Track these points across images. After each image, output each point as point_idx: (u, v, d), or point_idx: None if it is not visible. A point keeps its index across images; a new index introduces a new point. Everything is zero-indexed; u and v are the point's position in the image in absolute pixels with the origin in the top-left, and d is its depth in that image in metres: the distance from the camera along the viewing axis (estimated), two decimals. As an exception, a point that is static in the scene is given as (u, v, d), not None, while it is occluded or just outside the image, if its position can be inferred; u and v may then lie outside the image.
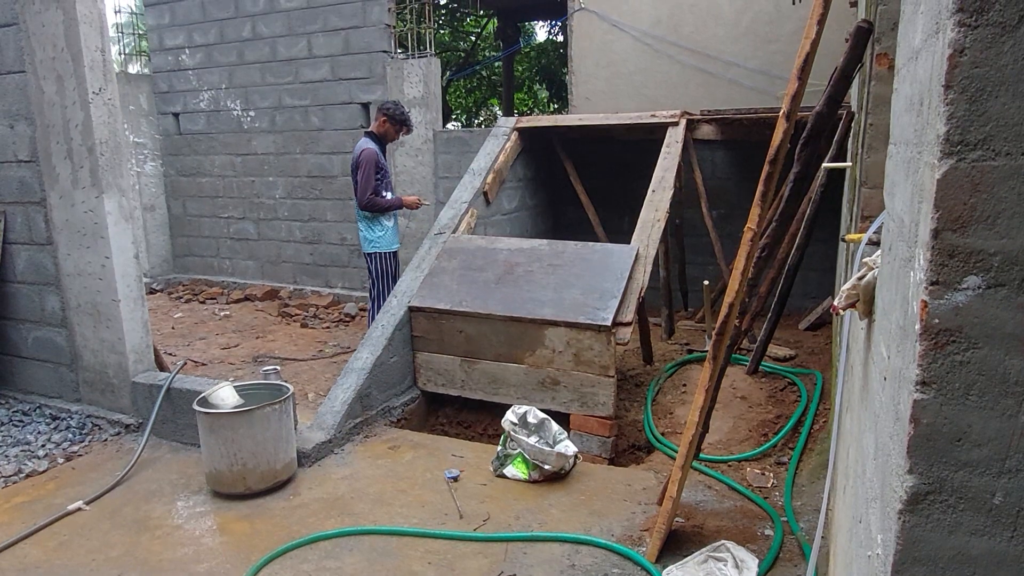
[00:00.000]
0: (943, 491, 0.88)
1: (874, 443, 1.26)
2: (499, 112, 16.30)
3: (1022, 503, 0.85)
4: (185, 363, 4.89)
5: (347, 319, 7.26)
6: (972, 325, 0.83)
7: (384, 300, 4.98)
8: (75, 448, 4.15)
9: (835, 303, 1.65)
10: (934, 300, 0.84)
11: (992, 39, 0.77)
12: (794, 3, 5.93)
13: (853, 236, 2.22)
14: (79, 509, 3.45)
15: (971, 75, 0.78)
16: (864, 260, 1.66)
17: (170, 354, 5.88)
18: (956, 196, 0.81)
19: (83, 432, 4.33)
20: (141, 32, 9.15)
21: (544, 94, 16.73)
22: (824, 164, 3.95)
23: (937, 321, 0.84)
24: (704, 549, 2.86)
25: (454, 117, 17.29)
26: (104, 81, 4.21)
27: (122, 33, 9.94)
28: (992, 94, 0.78)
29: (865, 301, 1.57)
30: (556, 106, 15.45)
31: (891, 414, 1.04)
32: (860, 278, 1.58)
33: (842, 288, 1.62)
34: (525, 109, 17.11)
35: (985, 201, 0.80)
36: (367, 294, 6.35)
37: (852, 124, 3.95)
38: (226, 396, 3.68)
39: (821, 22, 2.40)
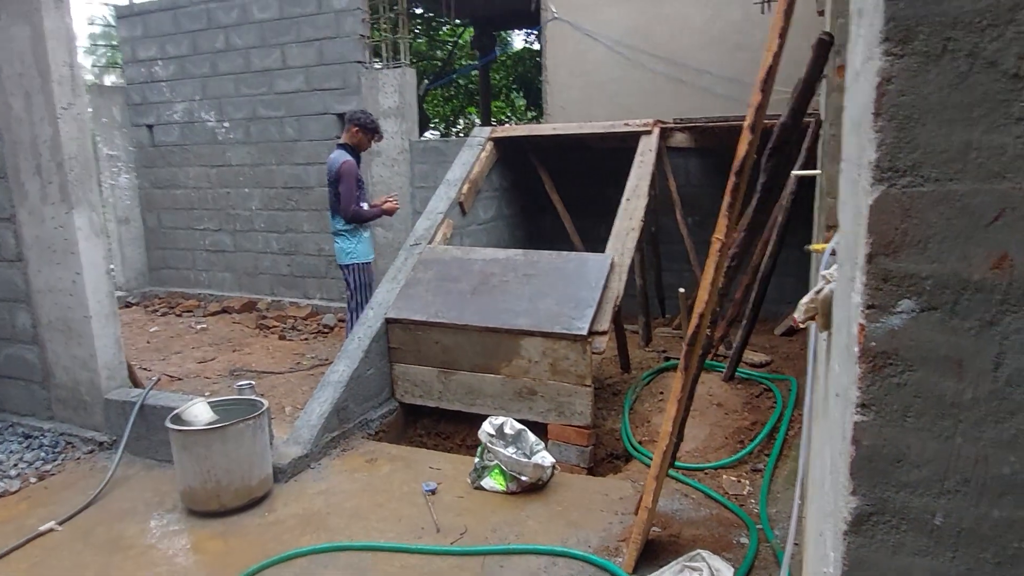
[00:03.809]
0: (886, 512, 0.89)
1: (831, 459, 1.27)
2: (477, 120, 16.33)
3: (962, 523, 0.87)
4: (159, 379, 4.83)
5: (326, 330, 7.22)
6: (908, 348, 0.84)
7: (362, 311, 4.97)
8: (48, 467, 4.08)
9: (795, 316, 1.66)
10: (871, 323, 0.85)
11: (918, 68, 0.79)
12: (763, 12, 6.01)
13: (816, 247, 2.25)
14: (51, 530, 3.40)
15: (899, 103, 0.80)
16: (823, 273, 1.68)
17: (145, 369, 5.82)
18: (888, 221, 0.82)
19: (56, 451, 4.27)
20: (115, 44, 9.06)
21: (521, 102, 16.78)
22: (794, 172, 3.99)
23: (874, 344, 0.85)
24: (680, 559, 2.87)
25: (432, 126, 17.29)
26: (73, 96, 4.16)
27: (95, 44, 9.85)
28: (920, 122, 0.80)
29: (823, 314, 1.59)
30: (533, 114, 15.50)
31: (839, 432, 1.06)
32: (818, 292, 1.60)
33: (801, 301, 1.63)
34: (503, 117, 17.14)
35: (916, 226, 0.81)
36: (346, 305, 6.33)
37: (821, 132, 4.00)
38: (199, 412, 3.64)
39: (783, 35, 2.43)
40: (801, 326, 1.64)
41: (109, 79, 10.21)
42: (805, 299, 1.61)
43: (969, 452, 0.84)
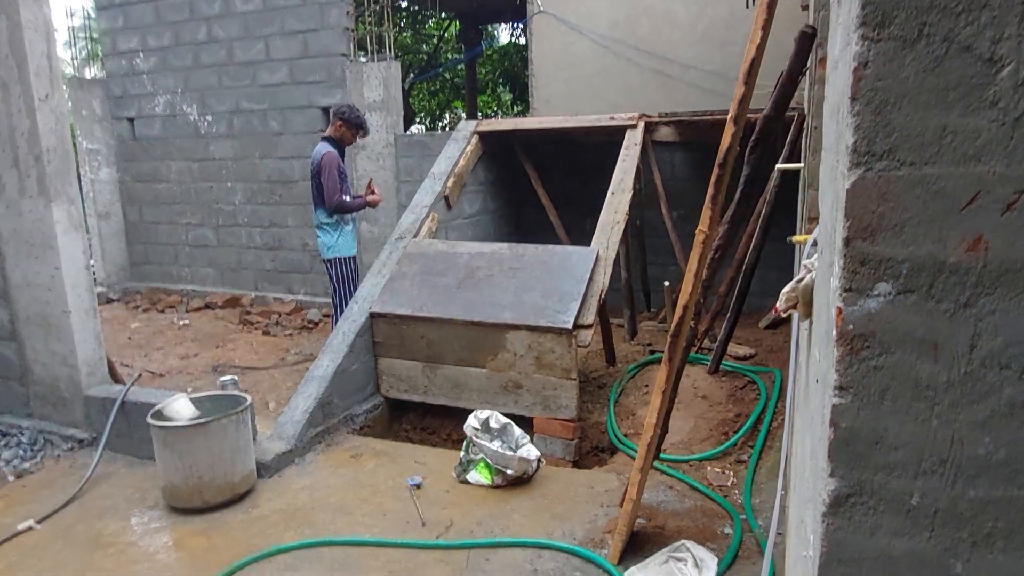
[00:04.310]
0: (864, 493, 0.90)
1: (811, 445, 1.28)
2: (463, 115, 16.28)
3: (938, 503, 0.87)
4: (140, 375, 4.78)
5: (310, 326, 7.18)
6: (884, 331, 0.85)
7: (346, 305, 4.95)
8: (26, 465, 4.03)
9: (776, 305, 1.68)
10: (848, 307, 0.86)
11: (894, 52, 0.79)
12: (748, 6, 6.03)
13: (799, 238, 2.26)
14: (30, 528, 3.36)
15: (875, 87, 0.80)
16: (804, 263, 1.69)
17: (126, 365, 5.76)
18: (865, 205, 0.83)
19: (35, 448, 4.21)
20: (95, 37, 8.94)
21: (508, 96, 16.75)
22: (778, 165, 4.02)
23: (852, 327, 0.86)
24: (665, 549, 2.89)
25: (418, 120, 17.22)
26: (51, 88, 4.10)
27: (75, 37, 9.70)
28: (896, 106, 0.80)
29: (805, 303, 1.60)
30: (520, 108, 15.47)
31: (819, 417, 1.06)
32: (799, 280, 1.61)
33: (783, 291, 1.64)
34: (489, 112, 17.11)
35: (892, 210, 0.82)
36: (330, 300, 6.30)
37: (804, 126, 4.02)
38: (181, 408, 3.61)
39: (766, 28, 2.44)
40: (783, 315, 1.65)
41: (89, 72, 10.05)
42: (787, 288, 1.63)
43: (945, 433, 0.85)
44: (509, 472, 3.57)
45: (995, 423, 0.83)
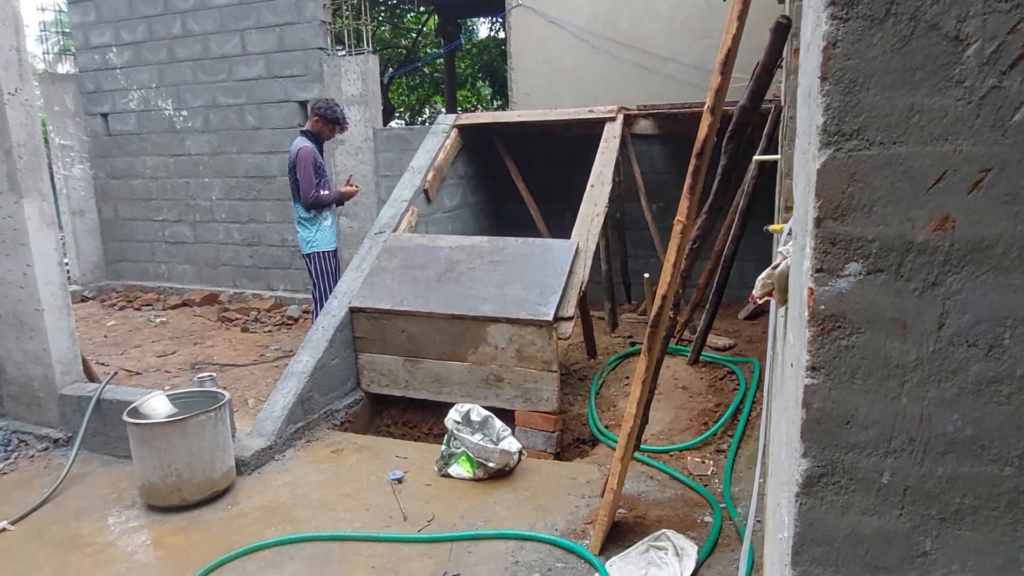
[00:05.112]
0: (835, 473, 0.90)
1: (786, 428, 1.29)
2: (443, 110, 16.22)
3: (908, 481, 0.88)
4: (116, 373, 4.71)
5: (290, 322, 7.12)
6: (855, 311, 0.86)
7: (327, 300, 4.91)
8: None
9: (753, 293, 1.68)
10: (819, 287, 0.86)
11: (862, 32, 0.79)
12: (724, 0, 6.05)
13: (775, 227, 2.28)
14: (3, 530, 3.31)
15: (844, 67, 0.80)
16: (779, 250, 1.70)
17: (102, 364, 5.67)
18: (835, 185, 0.83)
19: (8, 449, 4.15)
20: (67, 31, 8.77)
21: (487, 91, 16.69)
22: (755, 157, 4.04)
23: (823, 307, 0.86)
24: (646, 539, 2.91)
25: (397, 115, 17.13)
26: (20, 81, 4.02)
27: (46, 31, 9.51)
28: (864, 85, 0.80)
29: (780, 290, 1.61)
30: (499, 103, 15.43)
31: (793, 399, 1.07)
32: (775, 267, 1.62)
33: (759, 278, 1.65)
34: (469, 106, 17.05)
35: (862, 190, 0.82)
36: (310, 296, 6.25)
37: (780, 117, 4.05)
38: (158, 405, 3.57)
39: (741, 18, 2.45)
40: (759, 301, 1.66)
41: (63, 68, 9.87)
42: (763, 275, 1.63)
43: (914, 412, 0.86)
44: (491, 465, 3.57)
45: (963, 400, 0.84)
